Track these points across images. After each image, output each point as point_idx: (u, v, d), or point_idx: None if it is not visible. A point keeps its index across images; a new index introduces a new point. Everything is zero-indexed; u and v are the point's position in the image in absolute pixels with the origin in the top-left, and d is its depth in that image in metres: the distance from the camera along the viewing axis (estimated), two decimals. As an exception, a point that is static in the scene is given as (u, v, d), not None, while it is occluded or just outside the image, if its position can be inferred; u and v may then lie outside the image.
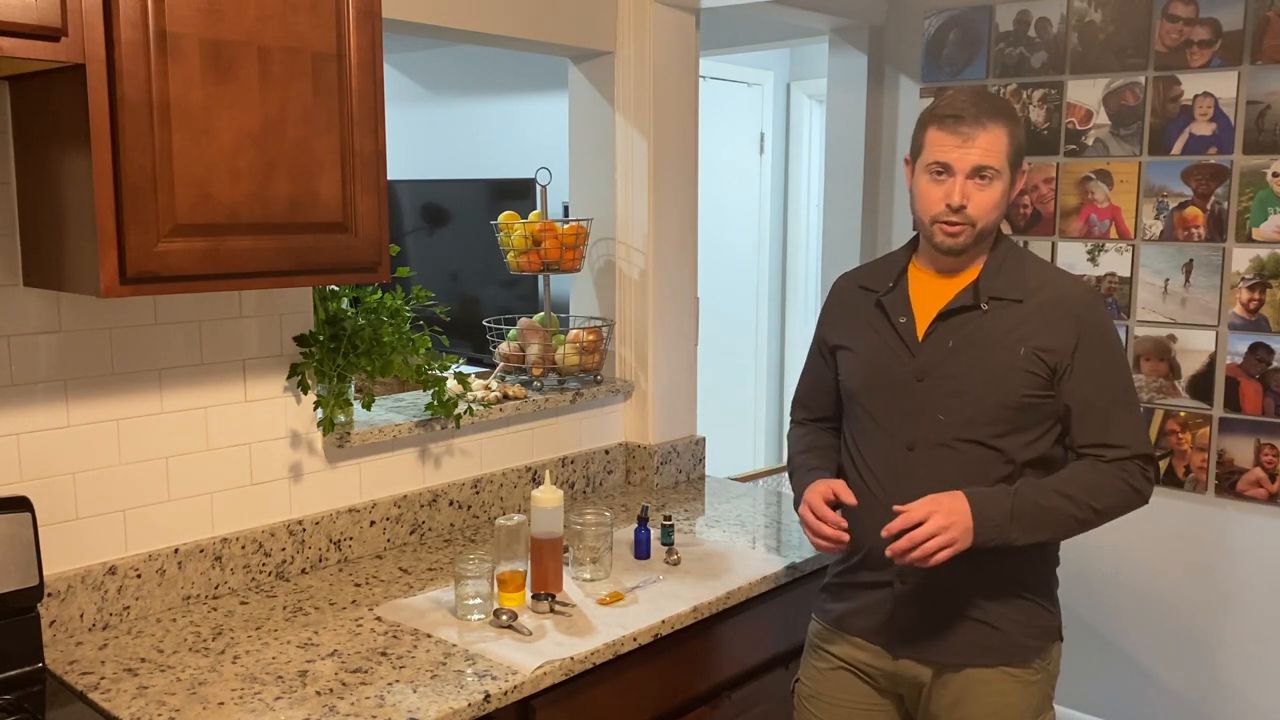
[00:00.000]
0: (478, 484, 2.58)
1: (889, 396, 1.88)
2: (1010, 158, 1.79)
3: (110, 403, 1.95)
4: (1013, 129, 1.79)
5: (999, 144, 1.77)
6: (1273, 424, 2.88)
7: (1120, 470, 1.79)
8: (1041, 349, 1.78)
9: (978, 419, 1.80)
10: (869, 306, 1.94)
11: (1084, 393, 1.79)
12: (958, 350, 1.82)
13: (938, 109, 1.81)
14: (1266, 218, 2.86)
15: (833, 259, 3.70)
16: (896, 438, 1.86)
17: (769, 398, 5.21)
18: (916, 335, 1.86)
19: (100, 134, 1.56)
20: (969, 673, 1.84)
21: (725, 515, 2.70)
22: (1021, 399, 1.79)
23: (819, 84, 4.50)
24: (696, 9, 2.90)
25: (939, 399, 1.82)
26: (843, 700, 1.96)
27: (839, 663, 1.97)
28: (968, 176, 1.77)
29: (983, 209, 1.78)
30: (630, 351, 2.93)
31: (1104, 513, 1.79)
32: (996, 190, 1.78)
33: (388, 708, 1.67)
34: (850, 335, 1.97)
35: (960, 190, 1.77)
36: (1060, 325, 1.79)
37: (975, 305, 1.82)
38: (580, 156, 2.96)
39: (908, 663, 1.89)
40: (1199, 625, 3.06)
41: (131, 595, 1.99)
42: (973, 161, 1.76)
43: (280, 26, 1.73)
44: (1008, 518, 1.74)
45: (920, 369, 1.84)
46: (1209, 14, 2.90)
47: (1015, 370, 1.78)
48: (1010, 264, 1.86)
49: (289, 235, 1.79)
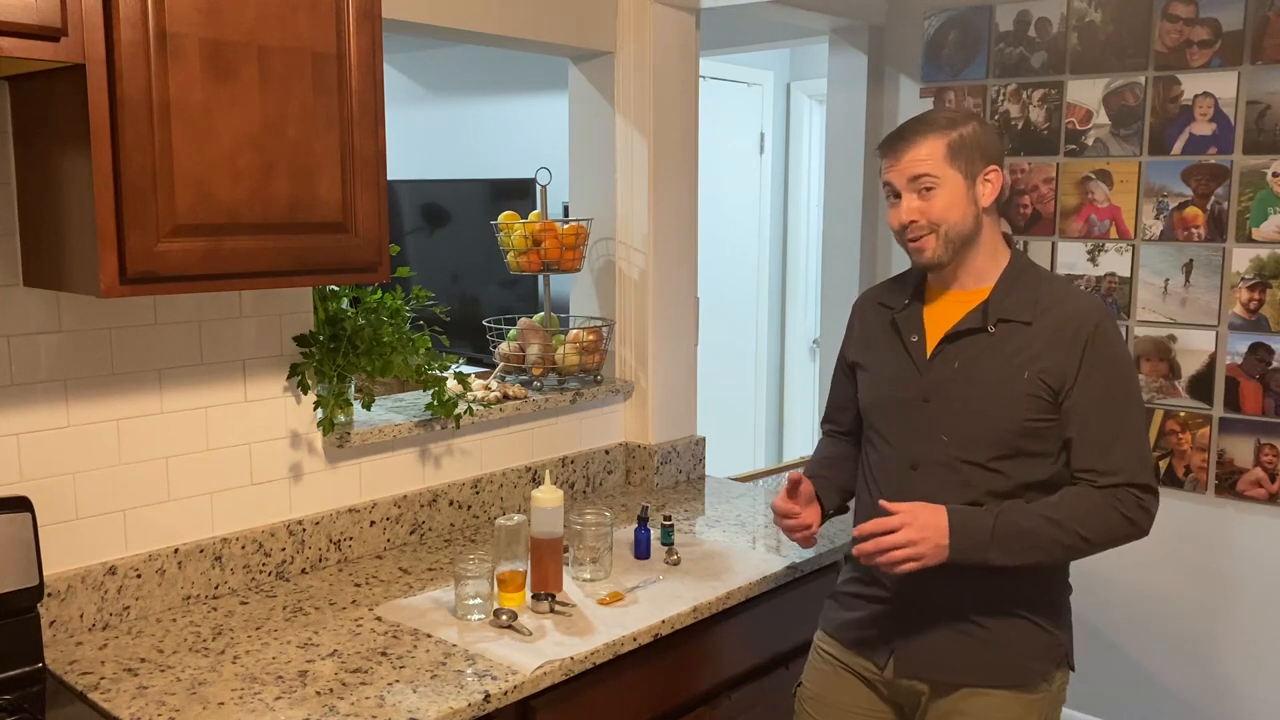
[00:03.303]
0: (478, 484, 2.58)
1: (896, 415, 1.89)
2: (953, 162, 1.79)
3: (110, 403, 1.95)
4: (948, 135, 1.79)
5: (929, 151, 1.78)
6: (1273, 424, 2.88)
7: (1113, 498, 1.74)
8: (1045, 372, 1.76)
9: (980, 441, 1.79)
10: (885, 324, 1.94)
11: (1081, 415, 1.76)
12: (963, 372, 1.81)
13: (882, 141, 1.87)
14: (1266, 218, 2.86)
15: (833, 259, 3.70)
16: (902, 456, 1.87)
17: (769, 398, 5.21)
18: (925, 354, 1.86)
19: (100, 134, 1.56)
20: (967, 690, 1.83)
21: (725, 515, 2.70)
22: (1024, 423, 1.77)
23: (819, 84, 4.50)
24: (696, 9, 2.90)
25: (943, 420, 1.82)
26: (844, 705, 1.96)
27: (840, 666, 1.97)
28: (910, 190, 1.80)
29: (935, 213, 1.79)
30: (630, 351, 2.93)
31: (1094, 541, 1.75)
32: (944, 194, 1.79)
33: (388, 708, 1.67)
34: (867, 353, 1.98)
35: (905, 206, 1.81)
36: (1065, 347, 1.77)
37: (983, 327, 1.81)
38: (580, 156, 2.96)
39: (905, 679, 1.88)
40: (1199, 625, 3.06)
41: (131, 595, 1.99)
42: (906, 174, 1.79)
43: (280, 26, 1.73)
44: (987, 538, 1.72)
45: (926, 389, 1.84)
46: (1209, 14, 2.90)
47: (1019, 395, 1.77)
48: (1024, 283, 1.84)
49: (289, 235, 1.79)
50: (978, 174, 1.81)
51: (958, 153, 1.79)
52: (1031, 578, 1.82)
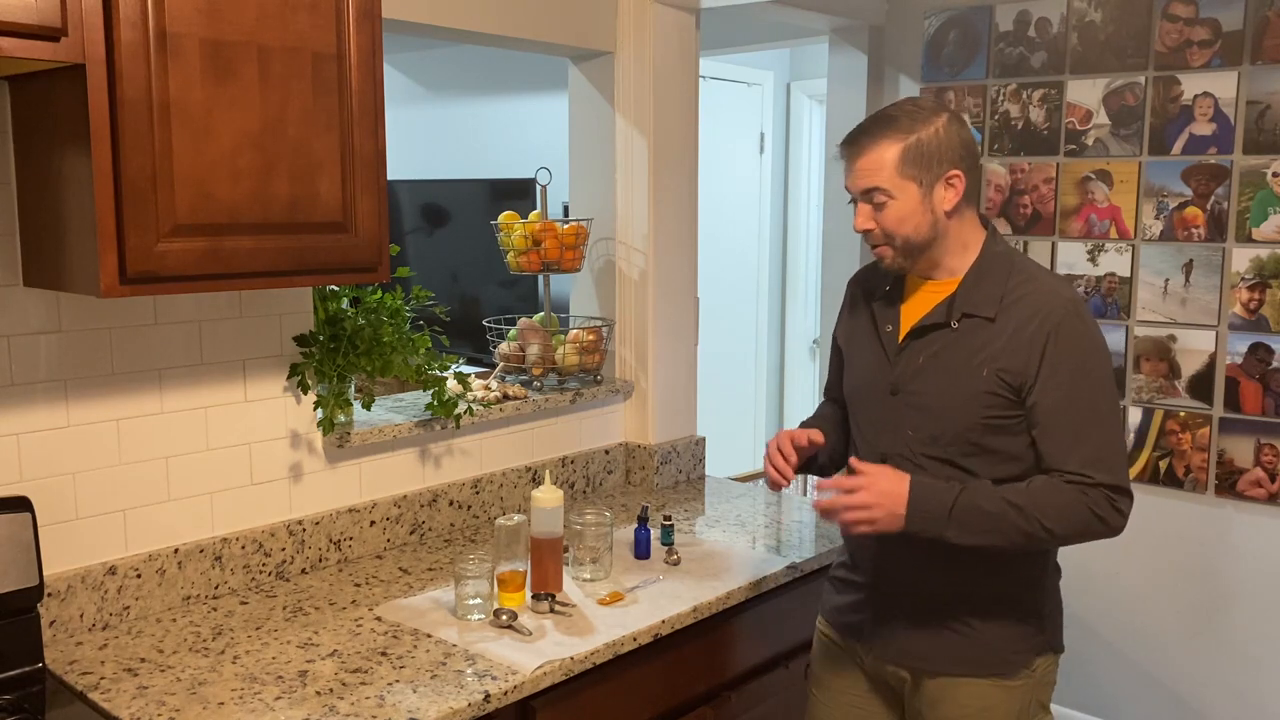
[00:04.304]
0: (478, 484, 2.58)
1: (869, 405, 1.89)
2: (905, 171, 1.73)
3: (110, 403, 1.95)
4: (904, 140, 1.73)
5: (878, 162, 1.74)
6: (1273, 424, 2.88)
7: (1082, 494, 1.69)
8: (1004, 370, 1.73)
9: (942, 438, 1.78)
10: (866, 311, 1.94)
11: (1046, 414, 1.71)
12: (927, 368, 1.80)
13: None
14: (1266, 218, 2.86)
15: (833, 259, 3.70)
16: (873, 446, 1.87)
17: (769, 398, 5.21)
18: (897, 346, 1.85)
19: (100, 134, 1.56)
20: (945, 679, 1.84)
21: (725, 515, 2.70)
22: (983, 421, 1.74)
23: (819, 84, 4.50)
24: (696, 9, 2.90)
25: (908, 414, 1.81)
26: (842, 686, 1.99)
27: (837, 650, 2.00)
28: (863, 200, 1.79)
29: (889, 225, 1.77)
30: (630, 351, 2.93)
31: (1059, 534, 1.70)
32: (896, 207, 1.75)
33: (388, 708, 1.67)
34: (850, 339, 1.98)
35: (861, 214, 1.79)
36: (1026, 344, 1.72)
37: (946, 323, 1.79)
38: (580, 156, 2.96)
39: (887, 665, 1.90)
40: (1199, 625, 3.06)
41: (131, 595, 1.99)
42: (858, 185, 1.78)
43: (280, 26, 1.73)
44: (945, 514, 1.70)
45: (894, 381, 1.83)
46: (1209, 14, 2.90)
47: (977, 392, 1.74)
48: (992, 276, 1.79)
49: (289, 235, 1.79)
50: (937, 179, 1.74)
51: (912, 160, 1.73)
52: (1008, 566, 1.80)
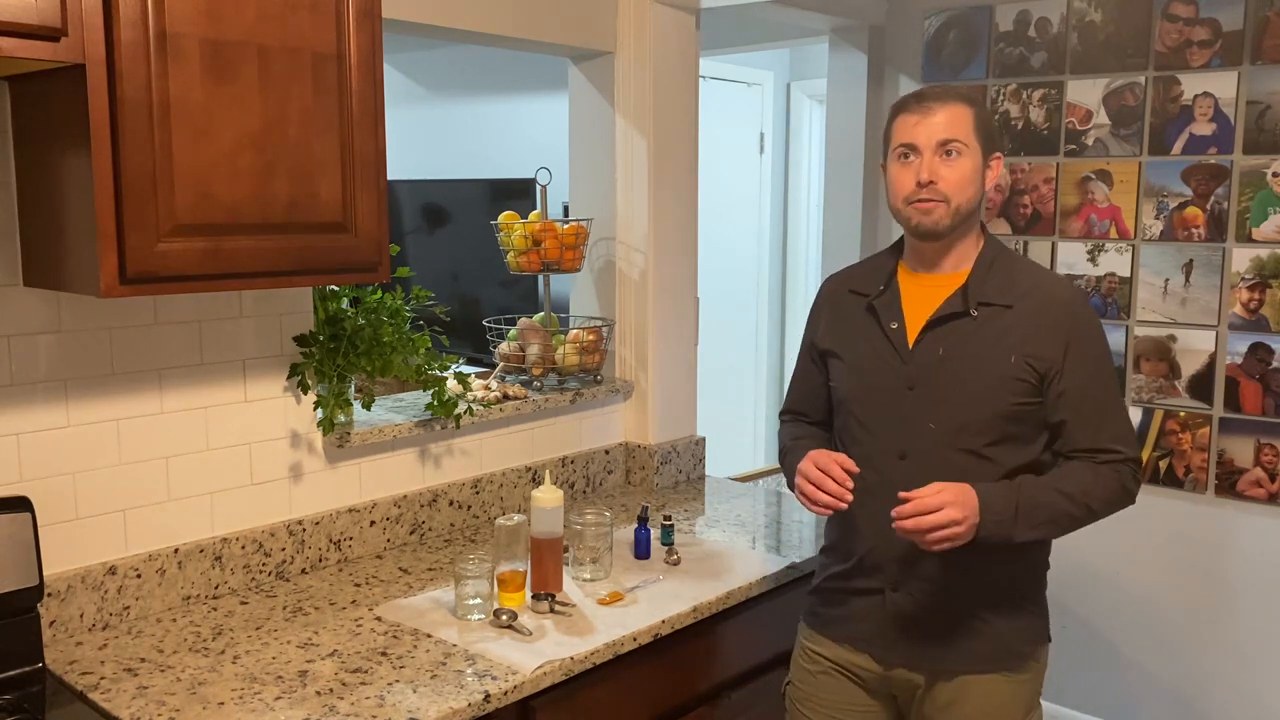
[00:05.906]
0: (478, 484, 2.58)
1: (880, 404, 1.87)
2: (978, 135, 1.79)
3: (110, 403, 1.95)
4: (978, 110, 1.80)
5: (962, 118, 1.78)
6: (1273, 424, 2.88)
7: (1115, 471, 1.79)
8: (1032, 356, 1.77)
9: (969, 428, 1.79)
10: (859, 311, 1.91)
11: (1076, 398, 1.78)
12: (948, 359, 1.81)
13: (901, 99, 1.85)
14: (1266, 218, 2.86)
15: (833, 259, 3.70)
16: (888, 446, 1.85)
17: (769, 398, 5.21)
18: (908, 342, 1.84)
19: (100, 134, 1.56)
20: (962, 677, 1.84)
21: (725, 515, 2.70)
22: (1012, 407, 1.78)
23: (819, 84, 4.49)
24: (696, 9, 2.90)
25: (930, 407, 1.81)
26: (835, 702, 1.96)
27: (829, 665, 1.96)
28: (934, 153, 1.77)
29: (953, 184, 1.77)
30: (630, 351, 2.93)
31: (1097, 512, 1.80)
32: (966, 165, 1.78)
33: (388, 708, 1.67)
34: (841, 341, 1.95)
35: (928, 166, 1.77)
36: (1050, 331, 1.78)
37: (965, 312, 1.81)
38: (580, 156, 2.96)
39: (901, 670, 1.89)
40: (1198, 625, 3.06)
41: (131, 595, 1.99)
42: (937, 136, 1.77)
43: (280, 26, 1.73)
44: (1013, 514, 1.73)
45: (911, 377, 1.83)
46: (1209, 14, 2.90)
47: (1006, 379, 1.77)
48: (999, 266, 1.84)
49: (289, 235, 1.79)
50: (990, 155, 1.83)
51: (981, 127, 1.80)
52: (1022, 561, 1.85)
